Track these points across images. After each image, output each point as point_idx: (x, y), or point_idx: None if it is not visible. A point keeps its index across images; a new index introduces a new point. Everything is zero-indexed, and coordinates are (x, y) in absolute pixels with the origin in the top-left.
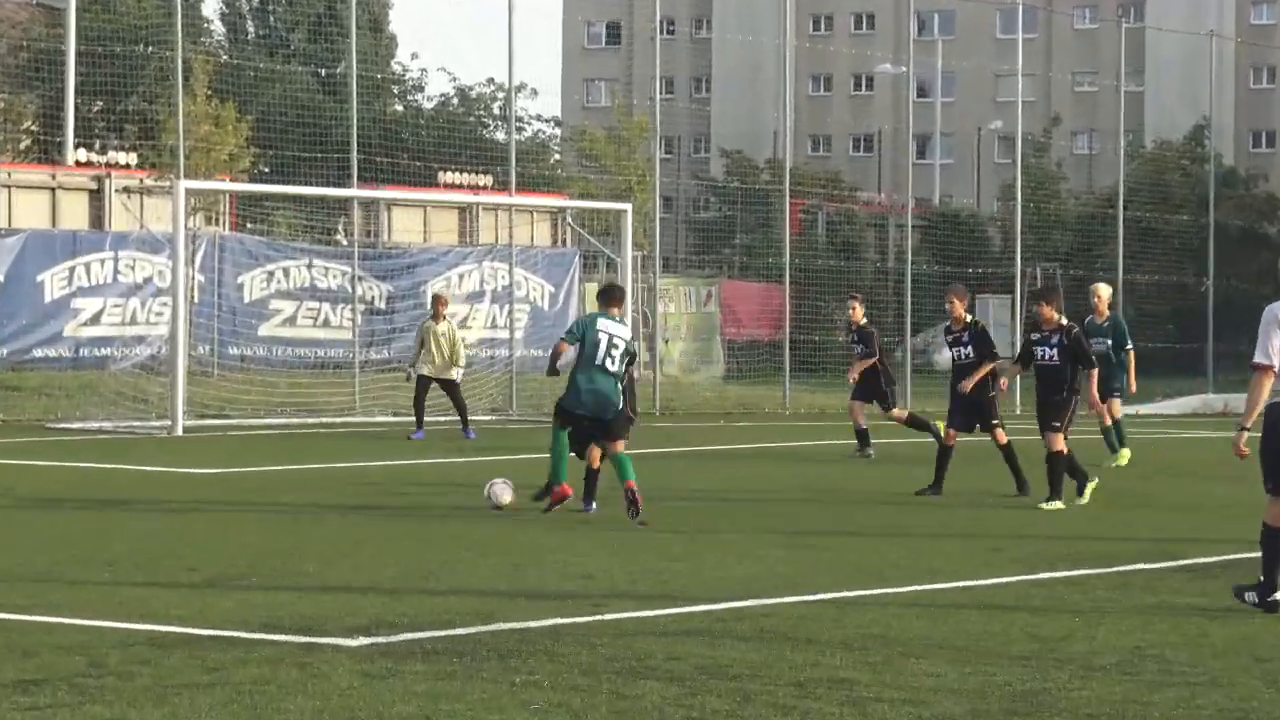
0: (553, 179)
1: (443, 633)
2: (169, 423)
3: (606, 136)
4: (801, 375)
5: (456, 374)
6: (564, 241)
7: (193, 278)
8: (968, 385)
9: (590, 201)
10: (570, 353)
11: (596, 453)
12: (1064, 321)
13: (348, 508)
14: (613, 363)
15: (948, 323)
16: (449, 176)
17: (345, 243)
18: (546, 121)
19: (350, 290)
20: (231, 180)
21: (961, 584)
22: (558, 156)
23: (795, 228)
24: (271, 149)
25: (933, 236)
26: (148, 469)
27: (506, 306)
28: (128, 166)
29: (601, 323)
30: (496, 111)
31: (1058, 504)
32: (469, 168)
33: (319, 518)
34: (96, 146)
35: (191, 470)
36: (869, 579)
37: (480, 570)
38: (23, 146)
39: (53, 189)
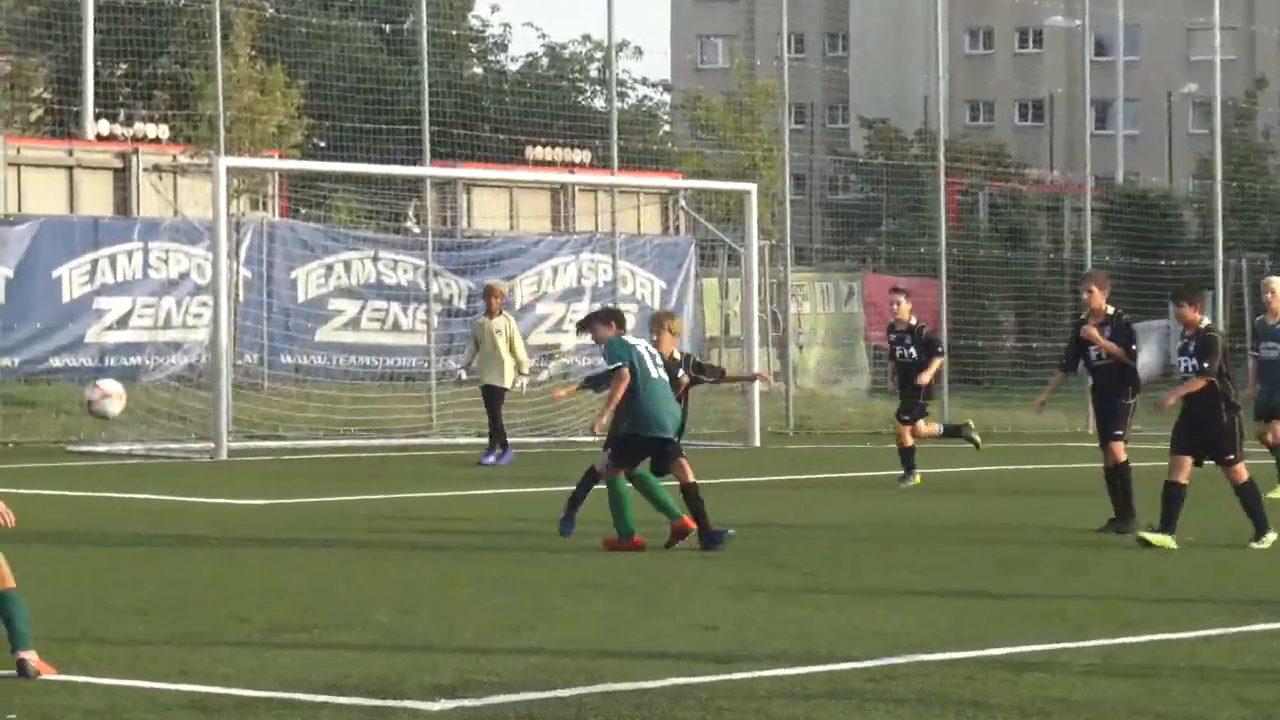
0: (662, 154)
1: (540, 695)
2: (211, 445)
3: (725, 104)
4: (962, 387)
5: (520, 383)
6: (676, 229)
7: (237, 272)
8: (1101, 337)
9: (707, 181)
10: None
11: (688, 472)
12: (1203, 323)
13: (424, 546)
14: (665, 373)
15: (1083, 315)
16: (539, 152)
17: (417, 231)
18: (654, 86)
19: (424, 287)
20: (281, 157)
21: (1157, 637)
22: (667, 128)
23: (952, 212)
24: (328, 119)
25: (1116, 221)
26: (187, 499)
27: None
28: (158, 141)
29: (630, 339)
30: (594, 74)
31: (1271, 537)
32: (562, 141)
33: (391, 557)
34: (121, 117)
35: (239, 501)
36: (1046, 632)
37: (583, 620)
38: (33, 117)
39: (70, 168)
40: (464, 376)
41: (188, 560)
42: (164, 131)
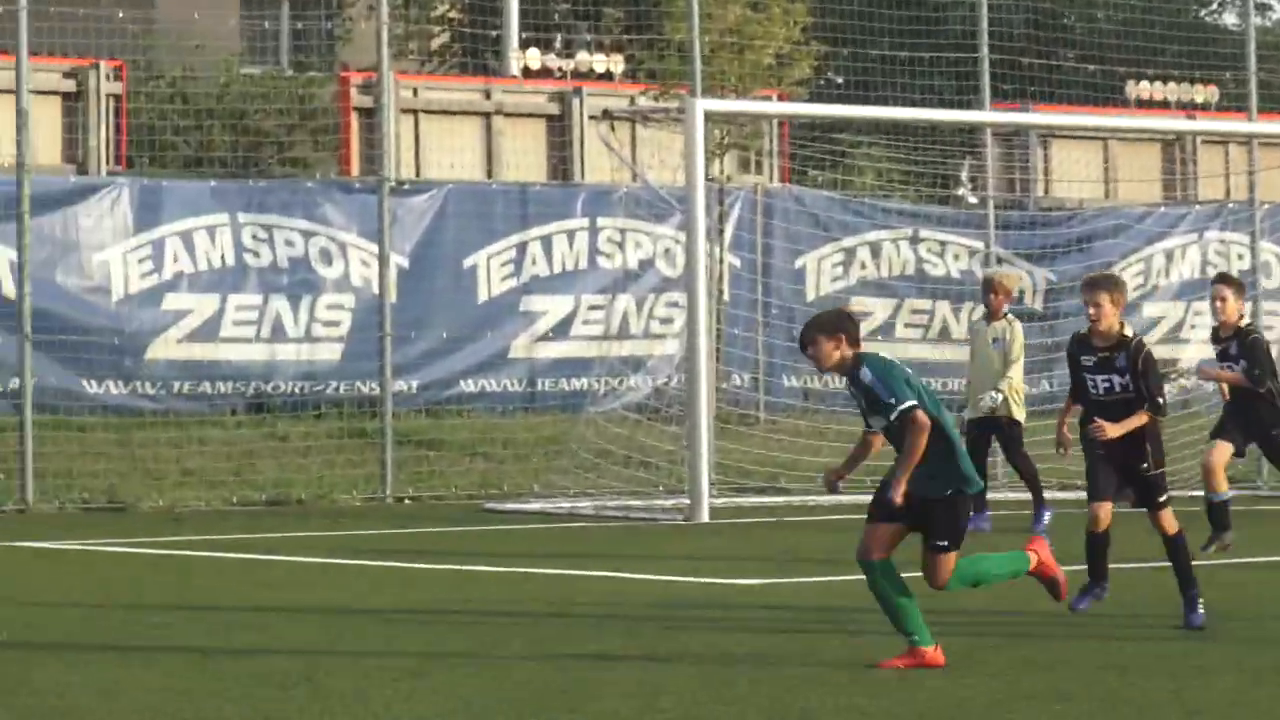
0: None
1: None
2: (686, 501)
3: None
4: None
5: (989, 400)
6: None
7: (721, 261)
8: None
9: None
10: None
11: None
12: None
13: (984, 650)
14: None
15: None
16: (1144, 89)
17: (974, 200)
18: None
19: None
20: (782, 98)
21: None
22: None
23: None
24: (846, 45)
25: None
26: (653, 578)
27: (1247, 304)
28: (609, 77)
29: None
30: None
31: None
32: (1178, 74)
33: (967, 665)
34: (558, 45)
35: (725, 580)
36: None
37: None
38: (436, 45)
39: (487, 115)
40: (962, 415)
41: (655, 666)
42: (617, 64)
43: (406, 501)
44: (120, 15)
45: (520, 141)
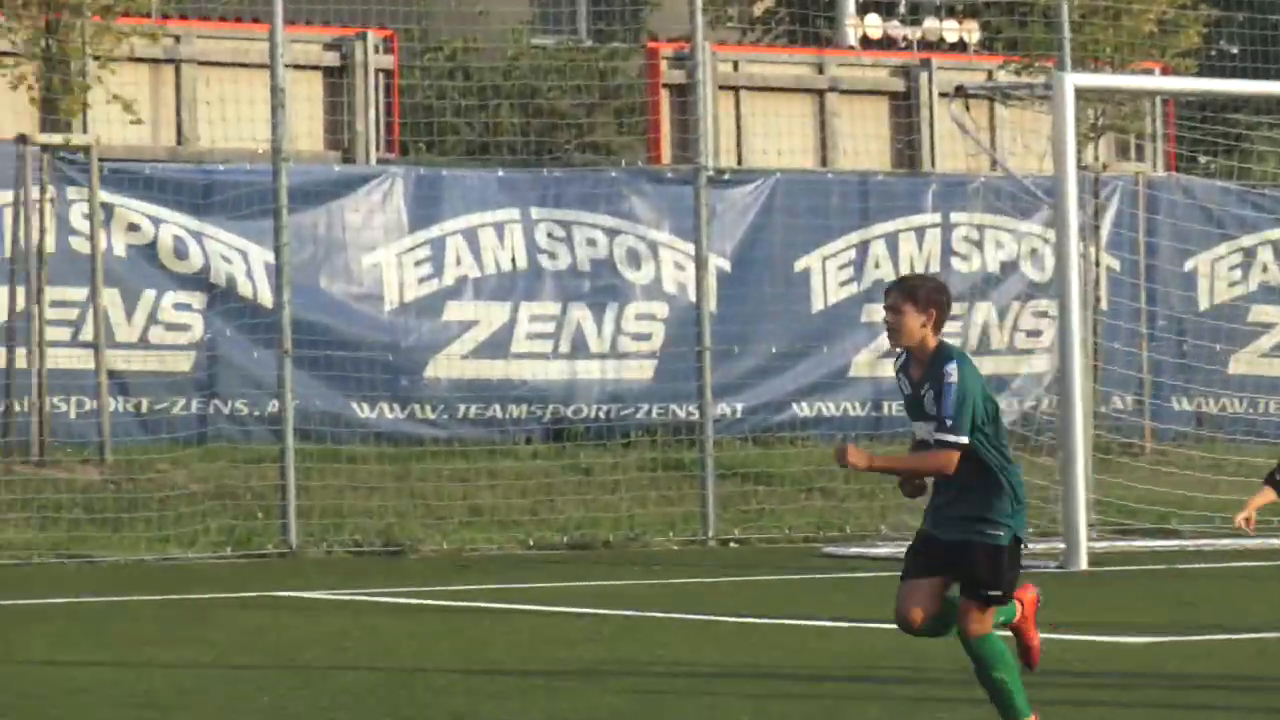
0: None
1: None
2: (1060, 546)
3: None
4: None
5: None
6: None
7: (1097, 263)
8: None
9: None
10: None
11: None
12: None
13: None
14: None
15: None
16: None
17: None
18: None
19: None
20: (1167, 72)
21: None
22: None
23: None
24: (1242, 10)
25: None
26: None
27: None
28: (962, 48)
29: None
30: None
31: None
32: None
33: None
34: (901, 10)
35: (1109, 639)
36: None
37: None
38: (759, 11)
39: (819, 92)
40: None
41: None
42: (972, 33)
43: (731, 545)
44: None
45: (859, 123)
